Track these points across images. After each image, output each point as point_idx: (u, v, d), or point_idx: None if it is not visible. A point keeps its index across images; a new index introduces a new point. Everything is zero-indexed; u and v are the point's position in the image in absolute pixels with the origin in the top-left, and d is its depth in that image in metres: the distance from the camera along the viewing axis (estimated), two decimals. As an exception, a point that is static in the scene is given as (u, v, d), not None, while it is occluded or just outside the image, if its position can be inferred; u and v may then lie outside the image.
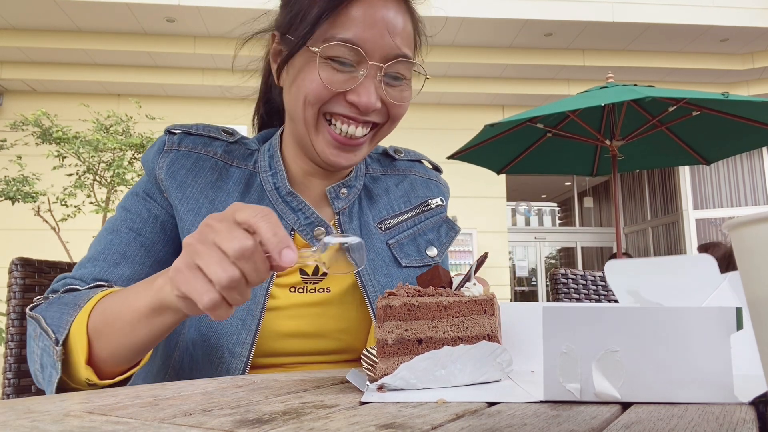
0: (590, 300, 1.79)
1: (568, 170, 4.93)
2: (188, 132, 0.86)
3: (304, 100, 0.77)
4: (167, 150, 0.84)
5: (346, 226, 0.87)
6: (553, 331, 0.42)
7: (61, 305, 0.69)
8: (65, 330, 0.64)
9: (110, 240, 0.80)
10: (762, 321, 0.33)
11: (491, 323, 0.55)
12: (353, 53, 0.75)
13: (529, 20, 7.19)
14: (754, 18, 7.31)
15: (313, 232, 0.84)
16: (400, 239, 0.91)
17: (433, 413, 0.38)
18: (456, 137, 5.53)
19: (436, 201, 0.98)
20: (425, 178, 1.01)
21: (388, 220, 0.92)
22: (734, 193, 9.17)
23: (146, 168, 0.85)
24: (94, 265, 0.77)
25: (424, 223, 0.95)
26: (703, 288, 0.63)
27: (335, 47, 0.75)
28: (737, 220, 0.34)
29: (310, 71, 0.76)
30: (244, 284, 0.52)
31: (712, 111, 3.77)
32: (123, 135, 5.93)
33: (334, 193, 0.88)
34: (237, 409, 0.39)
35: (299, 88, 0.79)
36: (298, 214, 0.84)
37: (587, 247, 11.23)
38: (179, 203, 0.80)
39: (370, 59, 0.76)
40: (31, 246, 5.50)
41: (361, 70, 0.76)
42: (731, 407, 0.39)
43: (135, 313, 0.61)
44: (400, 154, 1.02)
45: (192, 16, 6.96)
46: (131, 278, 0.77)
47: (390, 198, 0.94)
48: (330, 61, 0.76)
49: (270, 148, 0.89)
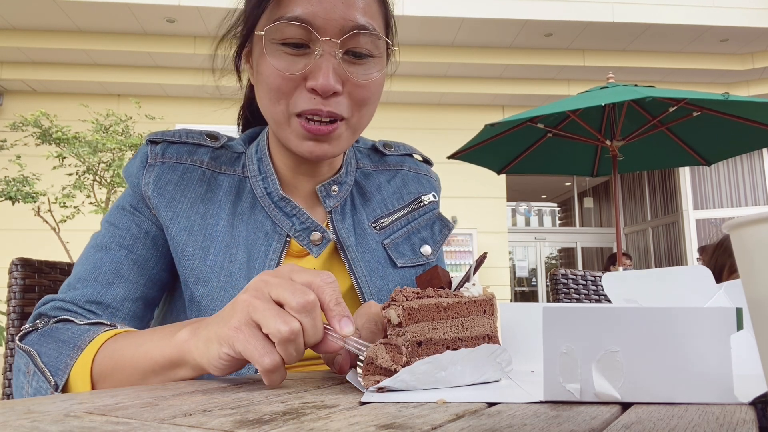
0: (590, 300, 1.79)
1: (569, 170, 4.93)
2: (171, 140, 0.81)
3: (268, 95, 0.74)
4: (151, 163, 0.79)
5: (339, 225, 0.84)
6: (553, 331, 0.42)
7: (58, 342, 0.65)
8: (65, 374, 0.61)
9: (100, 258, 0.76)
10: (762, 321, 0.33)
11: (491, 323, 0.55)
12: (303, 32, 0.70)
13: (529, 20, 7.19)
14: (754, 18, 7.31)
15: (309, 238, 0.81)
16: (394, 239, 0.89)
17: (433, 413, 0.38)
18: (456, 137, 5.53)
19: (428, 197, 0.95)
20: (416, 173, 0.98)
21: (382, 219, 0.89)
22: (734, 194, 9.17)
23: (130, 183, 0.80)
24: (85, 285, 0.74)
25: (418, 220, 0.92)
26: (699, 298, 0.63)
27: (281, 27, 0.70)
28: (737, 221, 0.34)
29: (264, 62, 0.73)
30: (301, 339, 0.49)
31: (712, 111, 3.77)
32: (123, 135, 5.93)
33: (325, 191, 0.85)
34: (237, 409, 0.39)
35: (259, 83, 0.76)
36: (292, 219, 0.81)
37: (587, 248, 11.24)
38: (170, 222, 0.77)
39: (322, 35, 0.70)
40: (31, 246, 5.51)
41: (316, 50, 0.71)
42: (731, 407, 0.39)
43: (150, 362, 0.58)
44: (390, 148, 0.99)
45: (192, 16, 6.96)
46: (125, 298, 0.75)
47: (383, 195, 0.91)
48: (282, 47, 0.71)
49: (258, 150, 0.85)
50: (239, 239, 0.78)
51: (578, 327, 0.42)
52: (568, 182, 12.09)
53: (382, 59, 0.77)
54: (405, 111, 8.43)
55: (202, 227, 0.78)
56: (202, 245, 0.77)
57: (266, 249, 0.79)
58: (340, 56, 0.72)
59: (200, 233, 0.77)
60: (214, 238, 0.77)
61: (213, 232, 0.78)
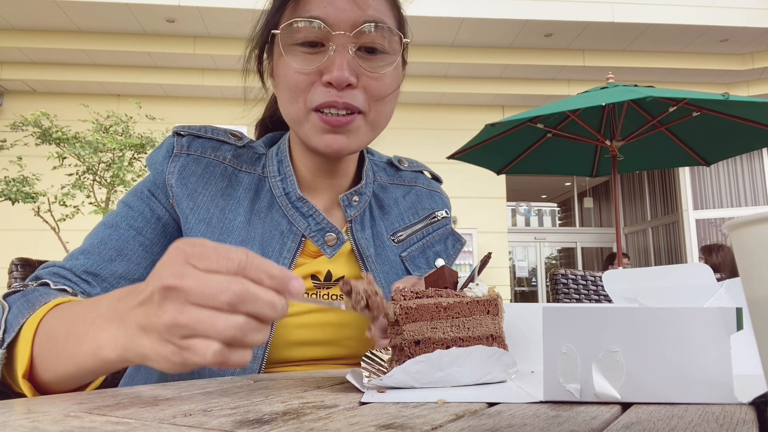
0: (590, 300, 1.79)
1: (568, 171, 4.93)
2: (197, 135, 0.84)
3: (287, 95, 0.78)
4: (177, 154, 0.82)
5: (359, 235, 0.86)
6: (553, 331, 0.42)
7: (27, 301, 0.61)
8: (13, 331, 0.57)
9: (108, 234, 0.77)
10: (762, 321, 0.33)
11: (495, 324, 0.55)
12: (317, 30, 0.74)
13: (529, 20, 7.19)
14: (754, 18, 7.31)
15: (324, 238, 0.82)
16: (411, 252, 0.92)
17: (433, 413, 0.38)
18: (456, 137, 5.53)
19: (441, 213, 0.98)
20: (429, 189, 1.02)
21: (400, 233, 0.92)
22: (734, 194, 9.17)
23: (153, 170, 0.83)
24: (87, 257, 0.74)
25: (432, 235, 0.96)
26: (700, 295, 0.63)
27: (297, 27, 0.75)
28: (737, 221, 0.34)
29: (282, 63, 0.77)
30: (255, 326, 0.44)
31: (712, 112, 3.77)
32: (123, 135, 5.93)
33: (347, 200, 0.87)
34: (237, 409, 0.39)
35: (279, 85, 0.80)
36: (308, 219, 0.83)
37: (587, 248, 11.24)
38: (190, 212, 0.78)
39: (335, 30, 0.74)
40: (31, 246, 5.52)
41: (330, 45, 0.75)
42: (731, 407, 0.39)
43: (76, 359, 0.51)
44: (404, 164, 1.02)
45: (192, 16, 6.96)
46: (123, 276, 0.75)
47: (400, 209, 0.95)
48: (298, 47, 0.76)
49: (278, 153, 0.88)
50: (254, 236, 0.80)
51: (578, 327, 0.42)
52: (568, 182, 12.09)
53: (395, 56, 0.80)
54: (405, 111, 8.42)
55: (220, 221, 0.80)
56: (219, 238, 0.78)
57: (281, 248, 0.80)
58: (353, 51, 0.76)
59: (218, 226, 0.79)
60: (230, 233, 0.79)
61: (230, 227, 0.80)
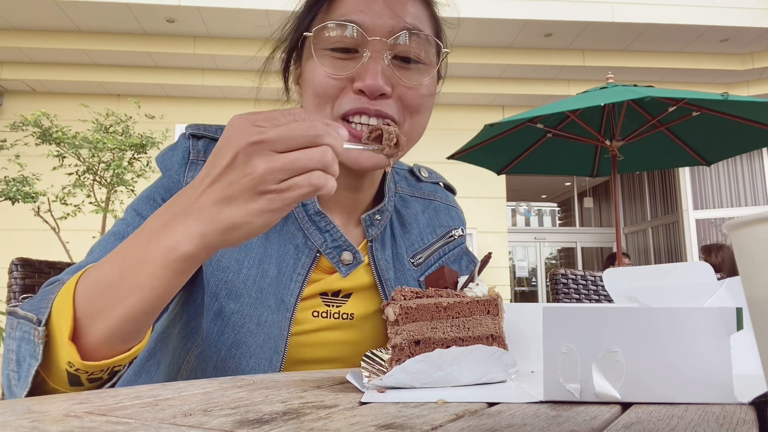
0: (590, 300, 1.79)
1: (568, 171, 4.93)
2: (213, 137, 0.79)
3: (314, 100, 0.74)
4: (193, 160, 0.76)
5: (378, 255, 0.83)
6: (553, 331, 0.42)
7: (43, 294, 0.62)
8: (47, 309, 0.57)
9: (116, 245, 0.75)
10: (762, 321, 0.33)
11: (495, 324, 0.55)
12: (352, 35, 0.70)
13: (529, 20, 7.19)
14: (754, 18, 7.31)
15: (339, 257, 0.79)
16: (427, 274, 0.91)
17: (433, 413, 0.38)
18: (456, 137, 5.52)
19: (458, 231, 0.97)
20: (446, 204, 1.00)
21: (419, 255, 0.89)
22: (734, 194, 9.17)
23: (167, 176, 0.77)
24: None
25: (448, 255, 0.94)
26: (700, 294, 0.63)
27: (331, 31, 0.71)
28: (737, 221, 0.34)
29: (312, 66, 0.74)
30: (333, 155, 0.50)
31: (712, 111, 3.77)
32: (123, 135, 5.93)
33: (369, 220, 0.84)
34: (237, 409, 0.39)
35: (305, 90, 0.76)
36: (325, 235, 0.79)
37: (587, 248, 11.24)
38: None
39: (371, 35, 0.70)
40: (31, 246, 5.50)
41: (365, 51, 0.71)
42: (731, 407, 0.39)
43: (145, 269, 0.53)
44: (424, 174, 1.00)
45: (192, 16, 6.96)
46: None
47: (420, 227, 0.92)
48: (331, 52, 0.72)
49: None
50: (271, 252, 0.77)
51: (578, 327, 0.42)
52: (568, 182, 12.09)
53: (432, 68, 0.77)
54: (405, 111, 8.41)
55: None
56: (237, 258, 0.75)
57: (295, 263, 0.77)
58: (389, 59, 0.72)
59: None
60: (248, 251, 0.76)
61: (248, 245, 0.76)
